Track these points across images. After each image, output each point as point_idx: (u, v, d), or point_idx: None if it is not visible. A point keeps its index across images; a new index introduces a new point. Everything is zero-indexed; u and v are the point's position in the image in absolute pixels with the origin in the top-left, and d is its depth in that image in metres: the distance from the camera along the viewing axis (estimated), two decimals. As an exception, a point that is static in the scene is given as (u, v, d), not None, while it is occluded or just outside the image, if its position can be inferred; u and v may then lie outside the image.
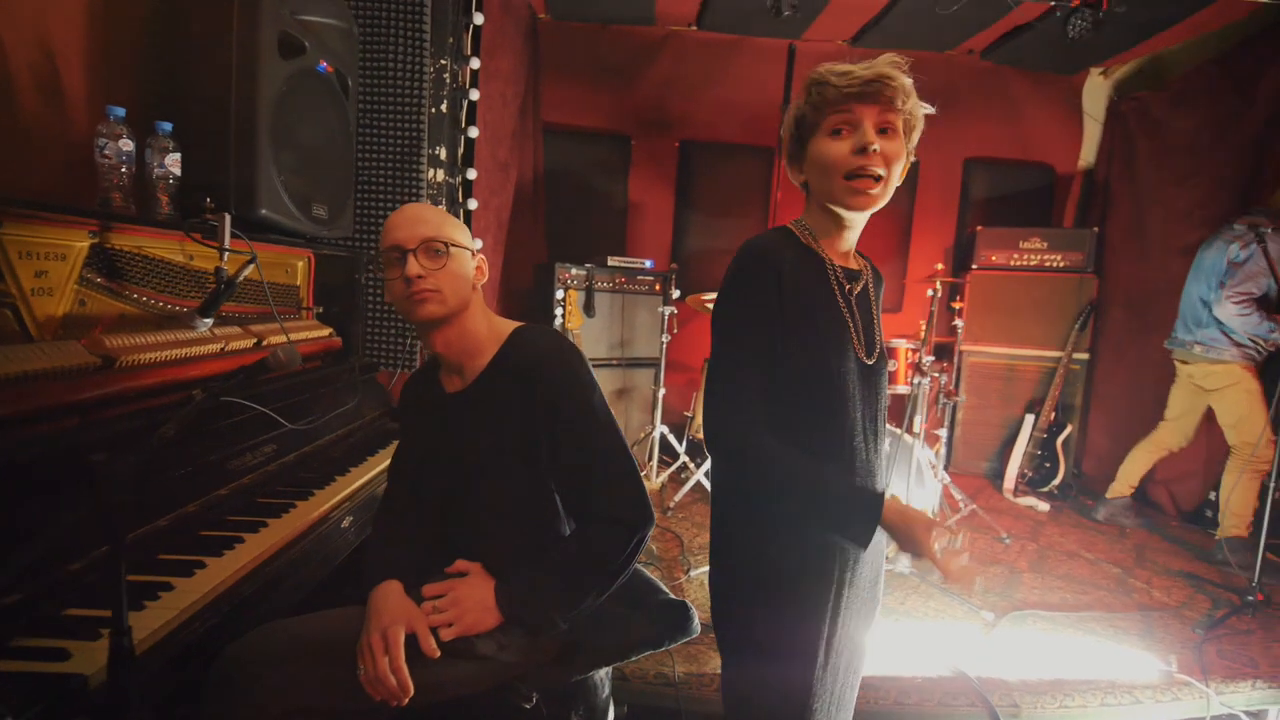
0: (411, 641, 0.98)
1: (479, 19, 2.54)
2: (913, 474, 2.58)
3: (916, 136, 0.98)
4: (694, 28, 3.91)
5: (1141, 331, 3.73)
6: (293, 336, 1.76)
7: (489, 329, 1.13)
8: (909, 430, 2.63)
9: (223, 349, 1.49)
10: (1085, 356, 3.80)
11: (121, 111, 1.29)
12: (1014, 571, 2.64)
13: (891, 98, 0.92)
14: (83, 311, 1.21)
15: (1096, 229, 3.86)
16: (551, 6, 3.72)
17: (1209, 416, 3.02)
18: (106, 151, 1.28)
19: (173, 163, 1.41)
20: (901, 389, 2.82)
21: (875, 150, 0.91)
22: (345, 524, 1.43)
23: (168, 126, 1.40)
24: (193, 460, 1.27)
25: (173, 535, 1.15)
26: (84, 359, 1.13)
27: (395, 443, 1.94)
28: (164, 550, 1.12)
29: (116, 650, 0.74)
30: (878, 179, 0.93)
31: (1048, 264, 3.87)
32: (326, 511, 1.39)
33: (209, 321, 1.39)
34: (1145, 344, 3.70)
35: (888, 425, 2.65)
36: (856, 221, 1.01)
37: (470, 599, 1.04)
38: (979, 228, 3.97)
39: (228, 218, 1.33)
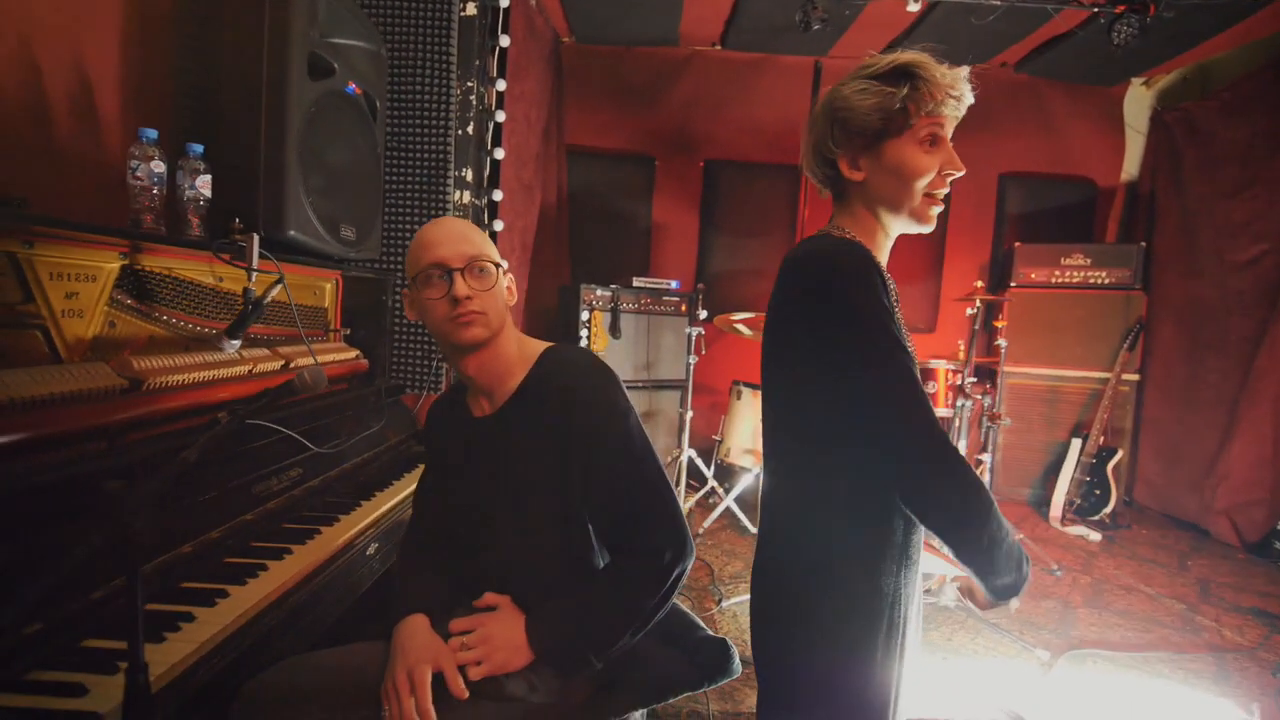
0: (438, 682, 0.92)
1: (505, 41, 2.56)
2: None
3: None
4: (718, 47, 3.91)
5: (1195, 350, 3.56)
6: (320, 358, 1.74)
7: (519, 350, 1.09)
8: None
9: (250, 371, 1.47)
10: (1135, 377, 3.63)
11: (153, 133, 1.29)
12: (1067, 606, 2.48)
13: (961, 116, 0.91)
14: (112, 333, 1.20)
15: (1144, 243, 3.71)
16: (575, 30, 3.76)
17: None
18: (138, 173, 1.28)
19: (203, 184, 1.41)
20: (943, 412, 2.70)
21: (959, 176, 0.91)
22: (370, 551, 1.39)
23: (199, 148, 1.40)
24: (219, 484, 1.24)
25: (197, 562, 1.12)
26: (112, 381, 1.11)
27: (421, 467, 1.91)
28: (187, 578, 1.08)
29: (132, 690, 0.70)
30: (943, 199, 0.92)
31: (1092, 281, 3.72)
32: (351, 538, 1.34)
33: (237, 343, 1.37)
34: (1199, 363, 3.52)
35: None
36: (895, 235, 0.96)
37: (500, 636, 0.98)
38: (1017, 244, 3.85)
39: (256, 238, 1.32)
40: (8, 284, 1.01)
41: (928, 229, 0.94)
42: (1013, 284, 3.83)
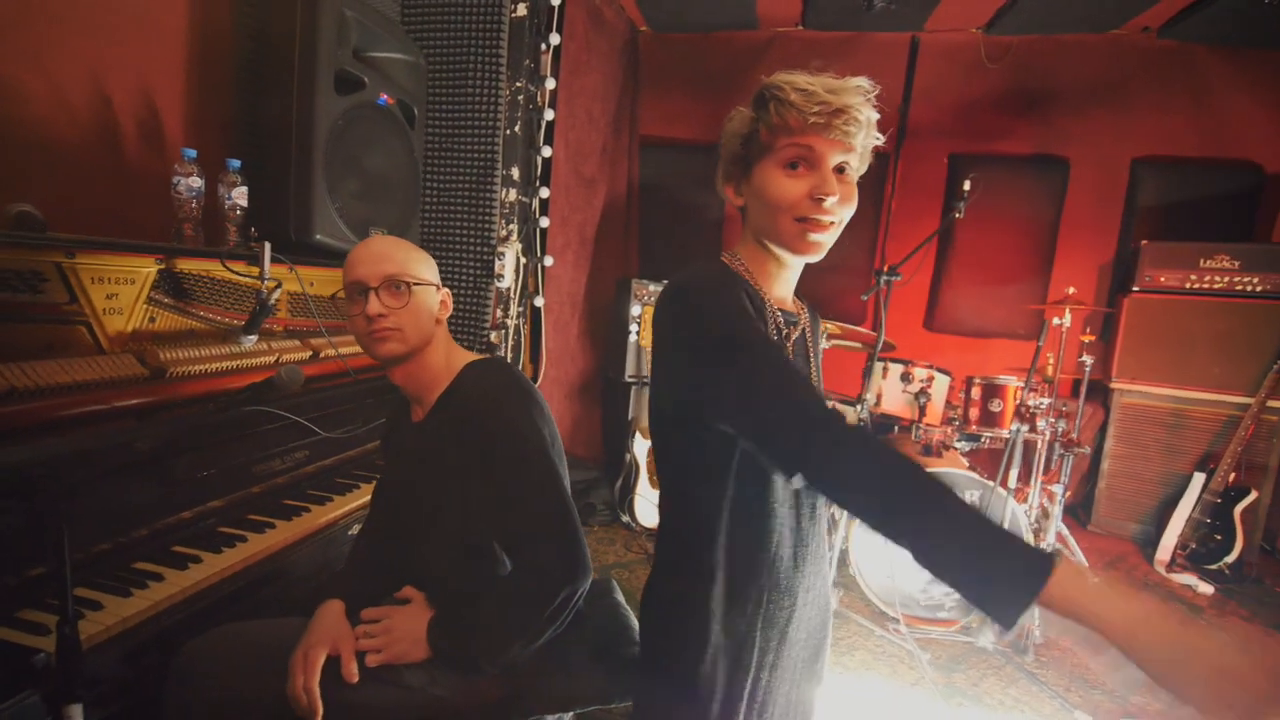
0: (335, 664, 1.02)
1: (555, 40, 2.61)
2: (1007, 534, 2.20)
3: (862, 171, 0.85)
4: (800, 28, 3.69)
5: (1379, 378, 2.89)
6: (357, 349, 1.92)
7: (446, 362, 1.14)
8: (1003, 483, 2.25)
9: (277, 361, 1.66)
10: (1287, 405, 3.02)
11: (193, 153, 1.49)
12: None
13: (854, 134, 0.83)
14: (152, 328, 1.41)
15: (1316, 244, 3.04)
16: (650, 19, 3.72)
17: None
18: (179, 188, 1.49)
19: (239, 195, 1.60)
20: (1005, 434, 2.43)
21: (835, 201, 0.83)
22: (353, 531, 1.53)
23: (236, 163, 1.59)
24: (225, 460, 1.42)
25: (192, 528, 1.31)
26: (135, 370, 1.31)
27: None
28: (180, 542, 1.27)
29: (60, 640, 0.85)
30: (829, 224, 0.85)
31: (1239, 287, 3.12)
32: (335, 519, 1.49)
33: (254, 338, 1.55)
34: (1382, 395, 2.85)
35: (978, 475, 2.28)
36: (798, 264, 0.88)
37: (402, 628, 1.06)
38: (1144, 242, 3.31)
39: (267, 246, 1.49)
40: (54, 288, 1.23)
41: (811, 258, 0.87)
42: (1135, 288, 3.31)
